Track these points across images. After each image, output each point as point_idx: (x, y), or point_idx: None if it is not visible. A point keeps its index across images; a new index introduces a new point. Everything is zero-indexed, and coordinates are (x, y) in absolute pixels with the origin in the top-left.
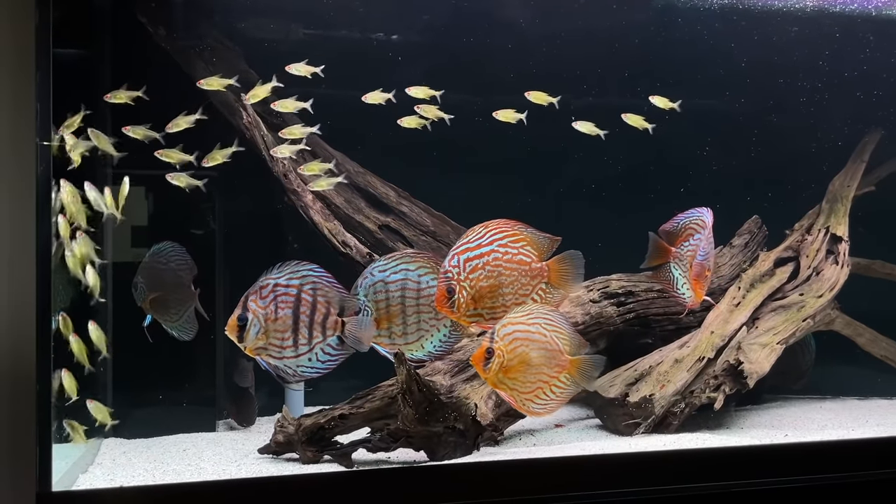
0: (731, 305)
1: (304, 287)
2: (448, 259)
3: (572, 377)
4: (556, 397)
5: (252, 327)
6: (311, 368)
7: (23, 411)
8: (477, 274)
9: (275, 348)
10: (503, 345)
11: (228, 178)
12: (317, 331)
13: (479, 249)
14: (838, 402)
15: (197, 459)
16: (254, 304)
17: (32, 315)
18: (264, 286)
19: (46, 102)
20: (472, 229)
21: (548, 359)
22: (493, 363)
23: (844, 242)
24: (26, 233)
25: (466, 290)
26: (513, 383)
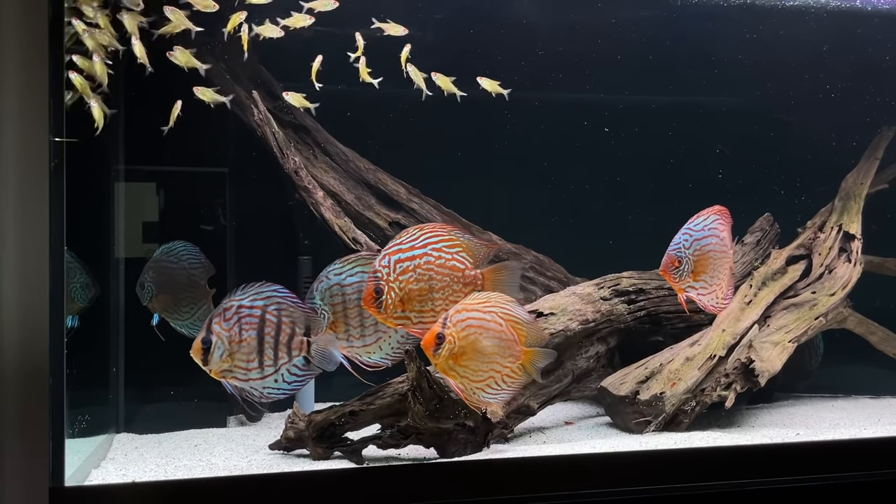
0: (742, 303)
1: (268, 308)
2: (379, 259)
3: (525, 368)
4: (508, 387)
5: (216, 350)
6: (278, 389)
7: (35, 405)
8: (407, 276)
9: (240, 370)
10: (455, 331)
11: (239, 175)
12: (282, 351)
13: (412, 252)
14: (850, 401)
15: (208, 455)
16: (217, 327)
17: (46, 309)
18: (228, 308)
19: (59, 98)
20: (406, 230)
21: (502, 348)
22: (443, 349)
23: (857, 240)
24: (39, 227)
25: (395, 292)
26: (463, 371)
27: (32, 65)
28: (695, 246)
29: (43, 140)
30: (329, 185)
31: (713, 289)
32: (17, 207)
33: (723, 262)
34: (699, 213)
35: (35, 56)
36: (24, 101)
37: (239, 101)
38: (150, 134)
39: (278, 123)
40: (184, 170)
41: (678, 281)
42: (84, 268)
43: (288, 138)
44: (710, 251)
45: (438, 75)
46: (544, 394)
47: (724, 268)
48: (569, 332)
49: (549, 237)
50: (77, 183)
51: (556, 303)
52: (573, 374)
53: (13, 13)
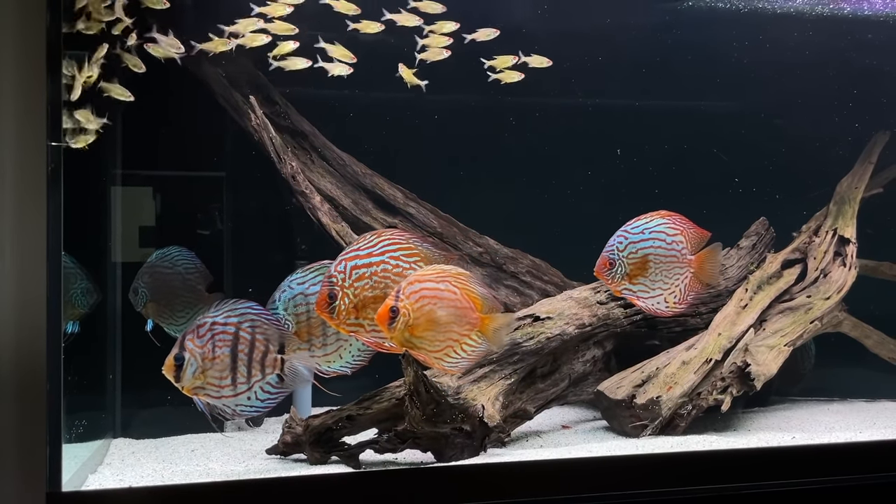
0: (738, 307)
1: (242, 325)
2: (335, 264)
3: (483, 336)
4: (468, 355)
5: (189, 366)
6: (250, 407)
7: (33, 410)
8: (363, 283)
9: (213, 387)
10: (409, 303)
11: (236, 180)
12: (255, 369)
13: (369, 258)
14: (846, 405)
15: (205, 460)
16: (191, 344)
17: (43, 314)
18: (202, 325)
19: (57, 103)
20: (363, 236)
21: (457, 317)
22: (398, 322)
23: (852, 244)
24: (36, 231)
25: (349, 298)
26: (420, 342)
27: (30, 69)
28: (630, 249)
29: (40, 144)
30: (326, 189)
31: (658, 292)
32: (15, 212)
33: (670, 266)
34: (640, 216)
35: (32, 60)
36: (21, 106)
37: (236, 105)
38: (147, 138)
39: (275, 128)
40: (181, 174)
41: (612, 283)
42: (85, 273)
43: (285, 143)
44: (649, 254)
45: (403, 68)
46: (541, 398)
47: (674, 272)
48: (565, 336)
49: (545, 241)
50: (74, 187)
51: (553, 307)
52: (570, 377)
53: (11, 16)
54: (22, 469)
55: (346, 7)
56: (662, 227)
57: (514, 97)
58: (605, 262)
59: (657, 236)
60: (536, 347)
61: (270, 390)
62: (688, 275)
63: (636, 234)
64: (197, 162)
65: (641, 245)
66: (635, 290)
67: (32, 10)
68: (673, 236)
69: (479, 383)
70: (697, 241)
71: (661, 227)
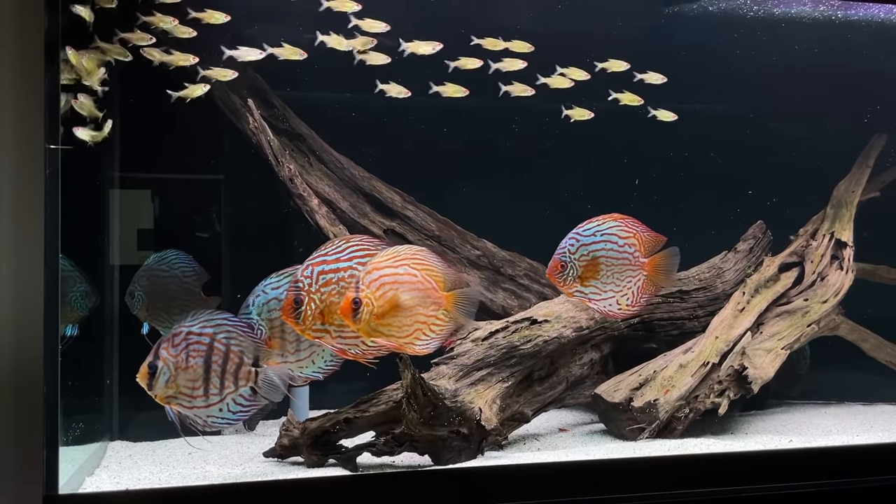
0: (735, 310)
1: (217, 336)
2: (302, 269)
3: (449, 313)
4: (437, 335)
5: (161, 375)
6: (222, 419)
7: (30, 413)
8: (329, 288)
9: (185, 397)
10: (370, 292)
11: (234, 183)
12: (228, 381)
13: (336, 264)
14: (843, 408)
15: (202, 463)
16: (165, 352)
17: (40, 316)
18: (177, 334)
19: (55, 106)
20: (331, 241)
21: (422, 298)
22: (362, 312)
23: (849, 248)
24: (35, 233)
25: (315, 303)
26: (388, 329)
27: (28, 72)
28: (581, 251)
29: (38, 147)
30: (324, 192)
31: (610, 294)
32: (12, 214)
33: (622, 268)
34: (593, 219)
35: (30, 63)
36: (18, 108)
37: (234, 108)
38: (145, 141)
39: (273, 131)
40: (179, 177)
41: (564, 285)
42: (84, 276)
43: (283, 146)
44: (601, 257)
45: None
46: (539, 401)
47: (626, 274)
48: (563, 338)
49: (543, 245)
50: (72, 190)
51: (551, 310)
52: (567, 381)
53: (10, 20)
54: (19, 472)
55: (346, 6)
56: (614, 229)
57: (514, 100)
58: (557, 264)
59: (609, 238)
60: (534, 350)
61: (243, 403)
62: (640, 277)
63: (588, 236)
64: (195, 165)
65: (593, 247)
66: (587, 292)
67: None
68: (625, 239)
69: (476, 386)
70: (651, 244)
71: (614, 229)
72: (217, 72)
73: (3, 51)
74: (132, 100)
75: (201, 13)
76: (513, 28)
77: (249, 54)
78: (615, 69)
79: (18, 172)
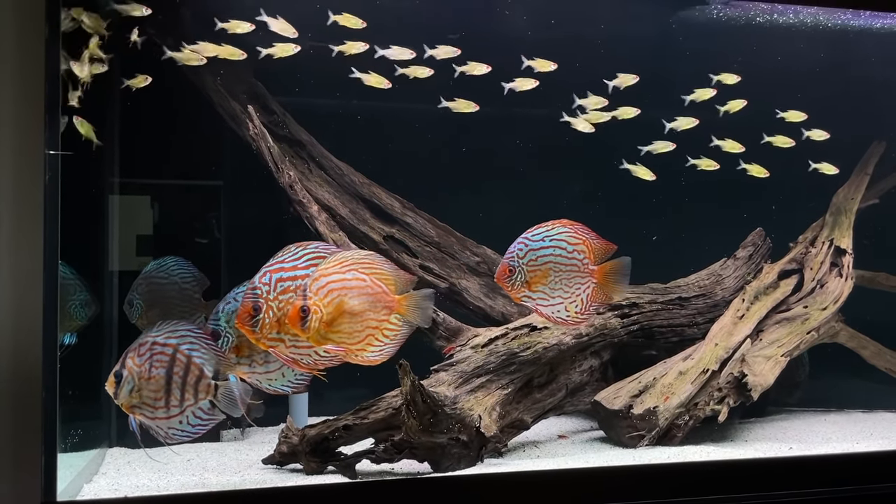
0: (735, 317)
1: (180, 347)
2: (259, 275)
3: (403, 316)
4: (391, 340)
5: (126, 384)
6: (181, 431)
7: (28, 420)
8: (288, 296)
9: (147, 407)
10: (318, 299)
11: (234, 189)
12: (189, 393)
13: (294, 271)
14: (843, 415)
15: (201, 469)
16: (130, 361)
17: (38, 323)
18: (143, 343)
19: (55, 112)
20: (287, 248)
21: (372, 303)
22: (310, 321)
23: (848, 255)
24: (34, 240)
25: (273, 311)
26: (339, 336)
27: (28, 78)
28: (530, 256)
29: (38, 152)
30: (324, 199)
31: (559, 300)
32: (11, 220)
33: (571, 274)
34: (541, 224)
35: (31, 69)
36: (18, 114)
37: (234, 115)
38: (144, 147)
39: (273, 138)
40: (179, 183)
41: (512, 290)
42: (84, 285)
43: (283, 153)
44: (549, 262)
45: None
46: (538, 408)
47: (574, 281)
48: (562, 345)
49: None
50: (71, 196)
51: None
52: (567, 387)
53: (10, 27)
54: (17, 478)
55: (351, 22)
56: (564, 235)
57: (513, 107)
58: (505, 268)
59: (558, 244)
60: (533, 357)
61: (202, 416)
62: (590, 285)
63: (537, 241)
64: (195, 171)
65: (541, 253)
66: (535, 298)
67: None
68: (574, 245)
69: (475, 393)
70: (602, 252)
71: (563, 235)
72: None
73: (2, 57)
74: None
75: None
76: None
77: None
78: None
79: (18, 178)
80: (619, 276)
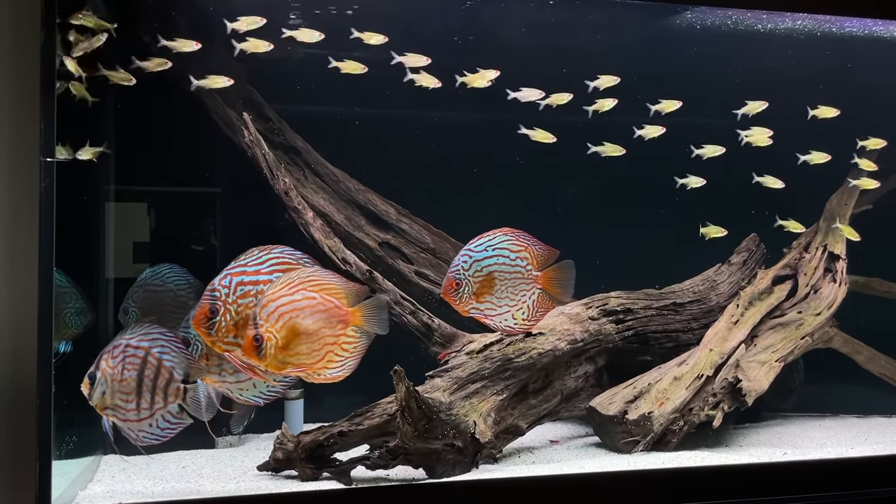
0: (729, 323)
1: (152, 350)
2: (220, 278)
3: (359, 328)
4: (352, 353)
5: (99, 385)
6: (151, 434)
7: (23, 427)
8: (247, 300)
9: (119, 409)
10: (270, 325)
11: (230, 196)
12: (158, 396)
13: (256, 276)
14: (837, 420)
15: (196, 476)
16: (104, 363)
17: (34, 331)
18: (117, 346)
19: (51, 119)
20: (250, 251)
21: (326, 319)
22: (266, 348)
23: (842, 260)
24: (30, 247)
25: (231, 315)
26: (297, 358)
27: (23, 84)
28: (475, 267)
29: (33, 160)
30: (319, 205)
31: (506, 309)
32: (7, 228)
33: (516, 282)
34: (482, 234)
35: (26, 75)
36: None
37: (230, 122)
38: (140, 154)
39: (269, 145)
40: (175, 190)
41: (460, 303)
42: (80, 293)
43: (278, 159)
44: (494, 271)
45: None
46: (533, 414)
47: (520, 288)
48: (557, 351)
49: None
50: (67, 203)
51: (545, 322)
52: (562, 393)
53: (6, 34)
54: (11, 485)
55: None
56: (506, 243)
57: (511, 113)
58: (452, 282)
59: (501, 253)
60: (528, 363)
61: (171, 419)
62: (535, 291)
63: (479, 251)
64: (191, 178)
65: (486, 262)
66: (483, 309)
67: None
68: (517, 252)
69: (470, 399)
70: (544, 258)
71: (505, 243)
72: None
73: None
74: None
75: None
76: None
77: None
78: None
79: (14, 185)
80: (563, 281)
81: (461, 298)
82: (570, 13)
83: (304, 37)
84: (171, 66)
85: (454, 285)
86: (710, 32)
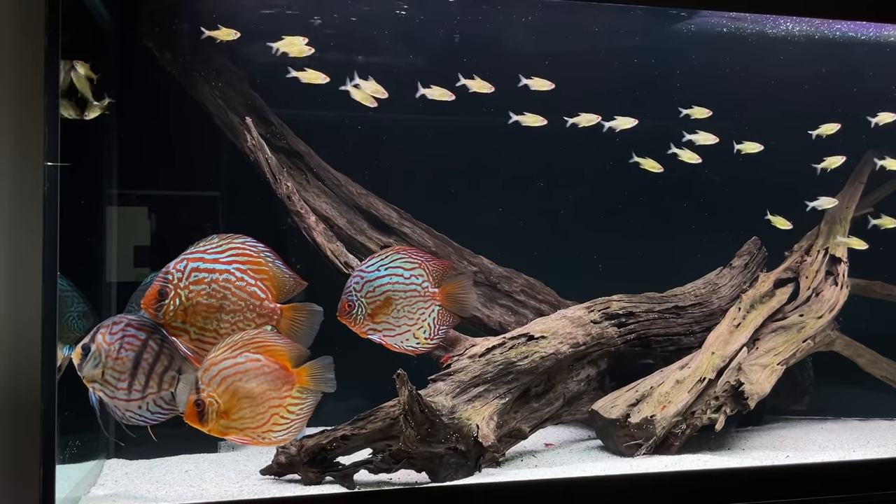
0: (731, 326)
1: (153, 335)
2: (176, 261)
3: (305, 388)
4: (298, 414)
5: (91, 359)
6: (139, 416)
7: (26, 431)
8: (200, 287)
9: (109, 386)
10: (212, 389)
11: (231, 200)
12: (153, 381)
13: (214, 265)
14: (839, 423)
15: (199, 480)
16: (100, 338)
17: (37, 335)
18: (117, 322)
19: (54, 123)
20: (210, 238)
21: (270, 382)
22: (208, 414)
23: (843, 263)
24: (33, 252)
25: (181, 300)
26: (242, 423)
27: (27, 89)
28: (367, 288)
29: (36, 164)
30: (321, 209)
31: (405, 328)
32: (10, 233)
33: (412, 300)
34: (375, 254)
35: (30, 80)
36: (17, 125)
37: (232, 126)
38: (142, 158)
39: (271, 149)
40: (176, 194)
41: (355, 325)
42: (82, 297)
43: (281, 163)
44: (388, 291)
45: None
46: (536, 417)
47: (417, 306)
48: (560, 355)
49: (539, 261)
50: (69, 208)
51: (547, 326)
52: (564, 397)
53: (9, 37)
54: (15, 490)
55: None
56: (399, 262)
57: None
58: (345, 304)
59: (394, 272)
60: (531, 367)
61: (163, 406)
62: (434, 308)
63: (372, 272)
64: (193, 182)
65: (378, 283)
66: (380, 330)
67: (30, 28)
68: (411, 270)
69: (473, 403)
70: (440, 273)
71: (398, 262)
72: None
73: (1, 68)
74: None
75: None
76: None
77: None
78: None
79: (17, 190)
80: (461, 294)
81: (356, 320)
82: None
83: (288, 47)
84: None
85: (347, 307)
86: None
